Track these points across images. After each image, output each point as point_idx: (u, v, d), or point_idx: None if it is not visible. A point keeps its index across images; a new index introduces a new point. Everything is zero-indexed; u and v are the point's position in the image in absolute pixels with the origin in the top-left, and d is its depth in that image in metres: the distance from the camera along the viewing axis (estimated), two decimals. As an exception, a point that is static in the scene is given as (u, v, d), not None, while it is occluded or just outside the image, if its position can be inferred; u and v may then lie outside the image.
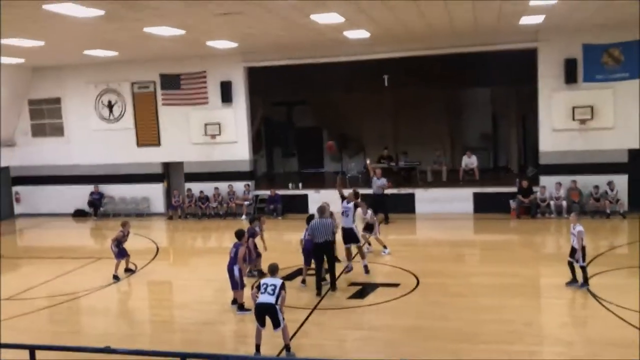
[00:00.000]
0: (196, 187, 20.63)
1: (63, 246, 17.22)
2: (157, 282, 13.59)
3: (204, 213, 20.30)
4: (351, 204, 13.17)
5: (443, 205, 18.97)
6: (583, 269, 10.95)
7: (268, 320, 8.54)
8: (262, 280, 8.87)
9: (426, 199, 19.26)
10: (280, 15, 12.52)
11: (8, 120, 21.77)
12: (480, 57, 18.62)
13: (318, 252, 11.52)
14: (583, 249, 10.87)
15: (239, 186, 20.42)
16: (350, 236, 12.72)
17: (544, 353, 8.67)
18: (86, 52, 17.37)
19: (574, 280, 11.12)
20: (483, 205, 18.76)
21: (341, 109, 23.64)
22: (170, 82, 20.52)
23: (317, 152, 25.03)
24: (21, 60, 18.96)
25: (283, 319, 8.53)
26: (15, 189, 22.42)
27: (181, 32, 13.88)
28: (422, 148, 22.18)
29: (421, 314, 10.32)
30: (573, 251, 11.00)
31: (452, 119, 23.63)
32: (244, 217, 19.76)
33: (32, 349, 5.61)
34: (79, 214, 21.76)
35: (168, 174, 21.75)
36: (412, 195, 19.50)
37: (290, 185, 20.58)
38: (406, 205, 19.29)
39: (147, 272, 14.04)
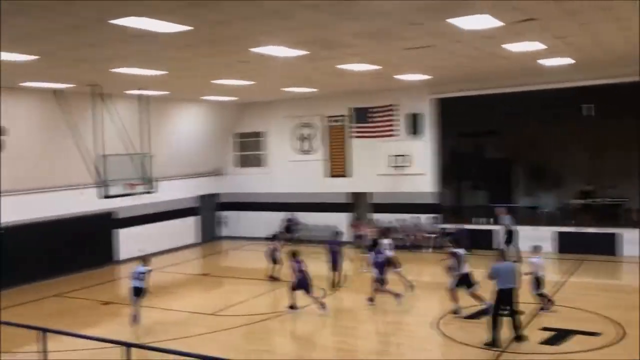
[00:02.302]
0: (382, 218, 20.92)
1: (260, 268, 18.48)
2: (344, 310, 13.93)
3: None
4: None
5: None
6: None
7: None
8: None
9: (634, 240, 17.28)
10: (472, 46, 12.33)
11: (219, 152, 24.32)
12: None
13: (501, 299, 10.51)
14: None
15: (425, 218, 20.27)
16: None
17: None
18: (286, 89, 18.77)
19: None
20: None
21: (535, 140, 22.38)
22: (361, 115, 21.25)
23: (508, 185, 23.90)
24: (232, 98, 21.14)
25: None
26: (222, 213, 24.78)
27: (373, 67, 14.35)
28: (631, 184, 20.03)
29: (629, 370, 9.20)
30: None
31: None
32: (429, 250, 19.54)
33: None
34: (275, 239, 23.24)
35: (355, 204, 22.37)
36: (611, 236, 17.61)
37: (479, 219, 19.88)
38: (605, 246, 17.49)
39: (335, 300, 14.47)
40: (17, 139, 16.37)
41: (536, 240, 16.85)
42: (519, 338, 10.48)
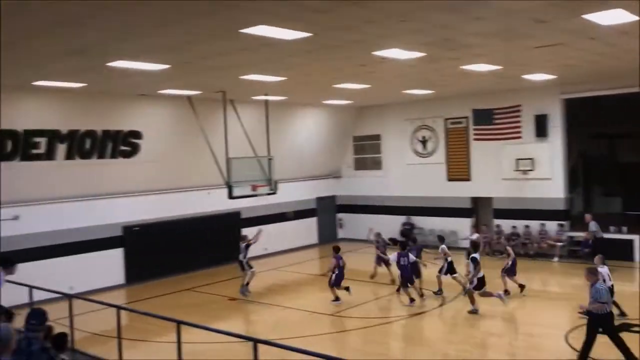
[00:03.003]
0: (505, 224, 20.13)
1: (377, 272, 18.51)
2: (467, 317, 13.58)
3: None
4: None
5: None
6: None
7: None
8: None
9: None
10: (606, 42, 11.53)
11: (337, 155, 24.70)
12: None
13: (600, 324, 9.40)
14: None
15: (552, 226, 19.23)
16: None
17: None
18: (405, 91, 18.65)
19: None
20: None
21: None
22: (483, 117, 20.57)
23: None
24: (350, 102, 21.38)
25: None
26: (339, 215, 25.12)
27: (497, 67, 13.89)
28: None
29: None
30: None
31: None
32: (556, 259, 18.53)
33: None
34: (392, 242, 23.16)
35: (476, 208, 21.71)
36: None
37: (611, 228, 18.52)
38: None
39: (454, 306, 14.14)
40: (153, 142, 17.67)
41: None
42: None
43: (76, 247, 16.58)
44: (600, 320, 9.39)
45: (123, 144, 17.14)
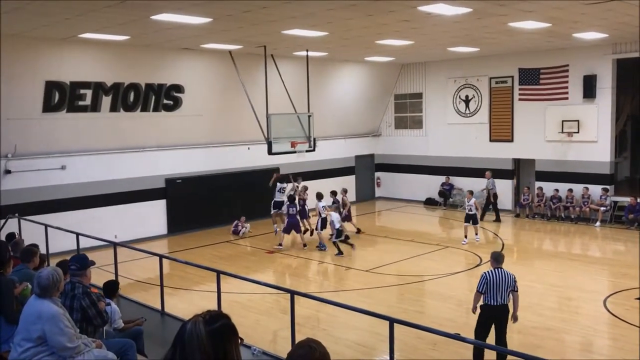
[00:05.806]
0: (547, 187, 19.76)
1: (414, 230, 18.51)
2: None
3: (553, 214, 19.32)
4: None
5: None
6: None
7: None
8: None
9: None
10: (666, 0, 10.97)
11: (376, 113, 24.47)
12: None
13: (487, 318, 8.02)
14: None
15: (596, 190, 18.79)
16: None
17: None
18: (449, 48, 18.21)
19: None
20: None
21: None
22: (529, 76, 19.99)
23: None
24: (392, 59, 21.02)
25: None
26: (377, 174, 25.07)
27: (546, 25, 13.40)
28: None
29: None
30: None
31: None
32: (598, 223, 18.17)
33: (391, 322, 6.20)
34: (429, 202, 23.11)
35: (518, 170, 21.34)
36: None
37: (659, 193, 18.02)
38: None
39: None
40: (195, 97, 17.81)
41: None
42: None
43: (120, 198, 17.06)
44: (493, 312, 8.05)
45: (166, 97, 17.34)
